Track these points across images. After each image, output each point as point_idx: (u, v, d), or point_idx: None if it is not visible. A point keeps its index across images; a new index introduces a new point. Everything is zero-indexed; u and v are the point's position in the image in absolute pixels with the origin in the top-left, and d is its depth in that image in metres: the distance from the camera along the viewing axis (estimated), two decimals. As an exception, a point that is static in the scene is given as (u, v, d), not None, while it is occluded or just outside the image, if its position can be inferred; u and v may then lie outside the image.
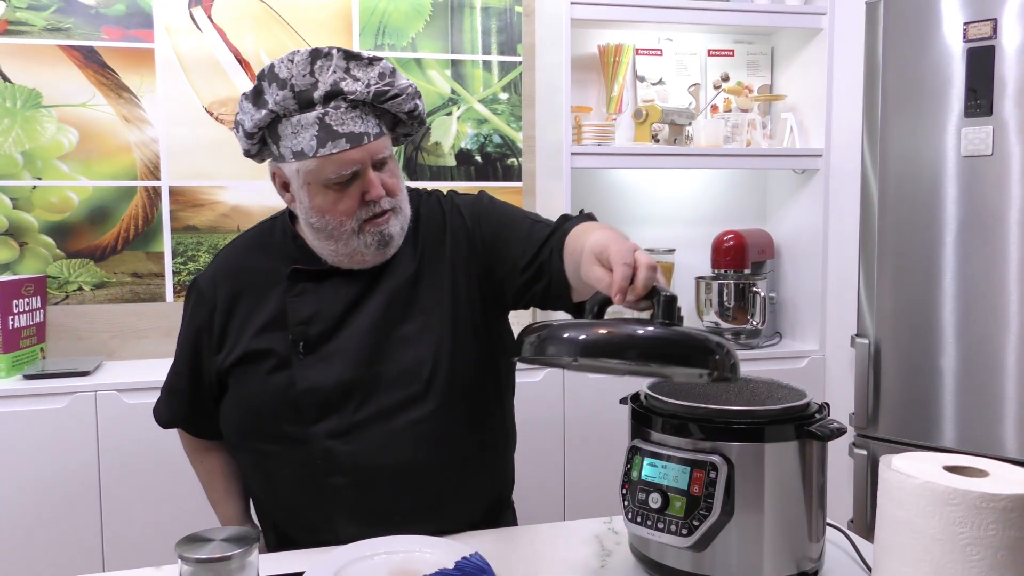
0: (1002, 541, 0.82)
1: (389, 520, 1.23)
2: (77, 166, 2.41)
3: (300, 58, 1.19)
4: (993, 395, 1.96)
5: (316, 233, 1.25)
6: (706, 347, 0.90)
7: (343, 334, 1.26)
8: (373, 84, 1.21)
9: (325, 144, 1.18)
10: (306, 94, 1.19)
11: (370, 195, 1.21)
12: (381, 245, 1.25)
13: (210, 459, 1.45)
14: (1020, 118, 1.91)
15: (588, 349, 0.89)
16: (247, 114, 1.23)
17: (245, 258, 1.34)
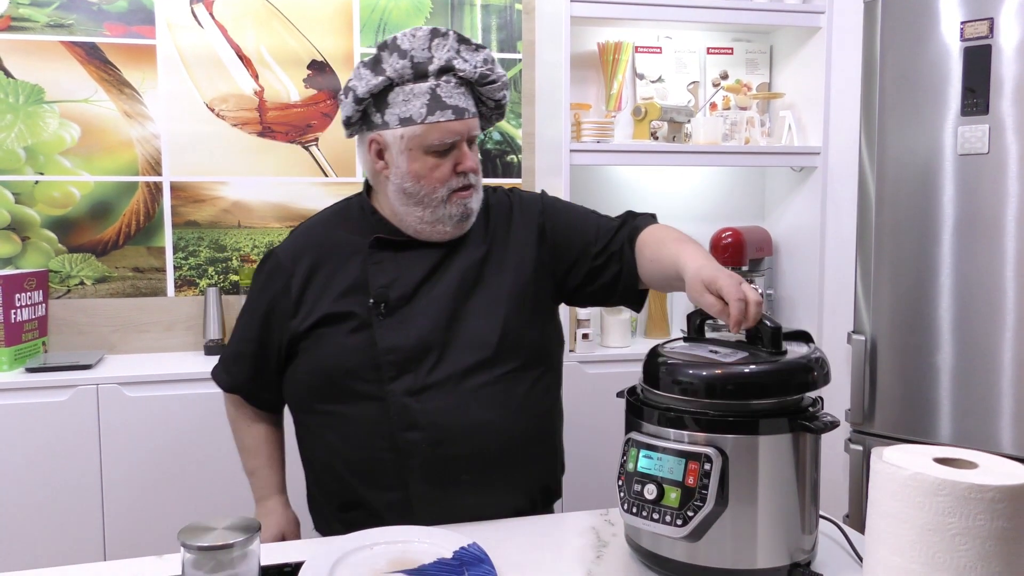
0: (990, 531, 0.84)
1: (458, 480, 1.30)
2: (79, 161, 2.42)
3: (421, 34, 1.31)
4: (989, 392, 1.97)
5: (407, 199, 1.34)
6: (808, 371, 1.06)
7: (419, 301, 1.34)
8: (479, 67, 1.33)
9: (434, 112, 1.29)
10: (422, 66, 1.30)
11: (463, 166, 1.32)
12: (462, 218, 1.35)
13: (258, 426, 1.50)
14: (1016, 117, 1.92)
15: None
16: (363, 80, 1.31)
17: (325, 231, 1.42)
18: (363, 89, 1.31)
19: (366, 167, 1.40)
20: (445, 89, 1.30)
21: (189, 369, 2.22)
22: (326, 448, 1.37)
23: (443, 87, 1.30)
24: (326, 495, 1.41)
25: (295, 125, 2.56)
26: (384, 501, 1.31)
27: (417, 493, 1.30)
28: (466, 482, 1.30)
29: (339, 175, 2.60)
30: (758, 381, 1.05)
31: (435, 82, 1.30)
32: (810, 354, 1.09)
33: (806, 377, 1.06)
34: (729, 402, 1.04)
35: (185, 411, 2.17)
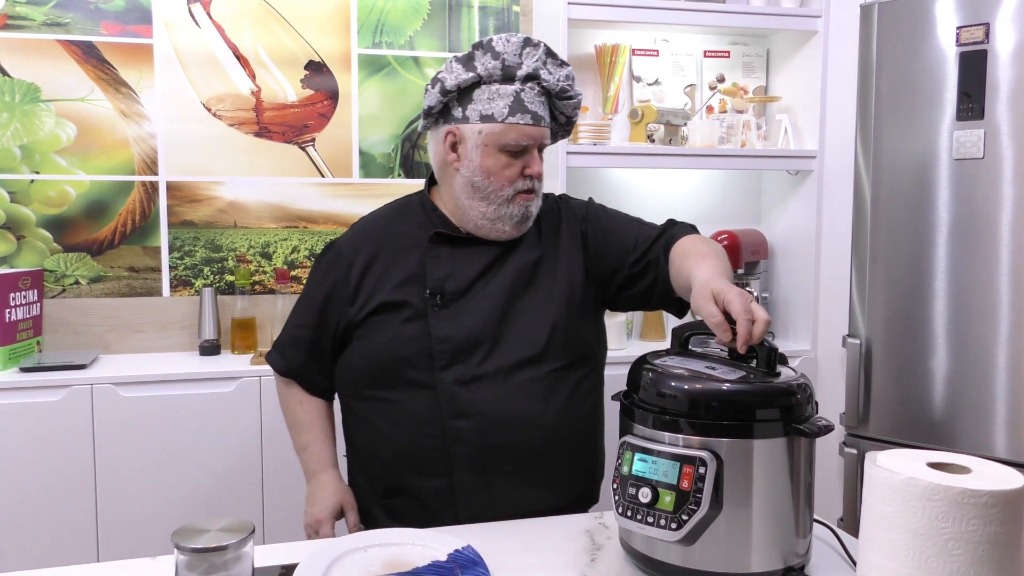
0: (983, 536, 0.84)
1: (501, 470, 1.34)
2: (75, 160, 2.41)
3: (515, 40, 1.37)
4: (983, 396, 1.98)
5: (473, 192, 1.39)
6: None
7: (474, 295, 1.39)
8: (561, 81, 1.40)
9: (515, 114, 1.36)
10: (511, 70, 1.37)
11: (530, 170, 1.39)
12: (522, 220, 1.41)
13: (311, 402, 1.53)
14: (1012, 121, 1.93)
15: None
16: (453, 73, 1.37)
17: (385, 224, 1.48)
18: (452, 82, 1.37)
19: (436, 159, 1.45)
20: (528, 95, 1.37)
21: (184, 369, 2.22)
22: (374, 434, 1.40)
23: (527, 93, 1.37)
24: (369, 482, 1.44)
25: (292, 125, 2.56)
26: (428, 488, 1.35)
27: (461, 481, 1.34)
28: (509, 473, 1.34)
29: (335, 176, 2.60)
30: (755, 401, 1.05)
31: (520, 87, 1.37)
32: (796, 379, 1.09)
33: (790, 400, 1.06)
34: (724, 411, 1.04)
35: (180, 412, 2.17)
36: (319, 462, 1.49)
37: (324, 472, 1.48)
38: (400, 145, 2.64)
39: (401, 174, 2.65)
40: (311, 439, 1.51)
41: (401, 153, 2.65)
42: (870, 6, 2.15)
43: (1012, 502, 0.84)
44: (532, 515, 1.31)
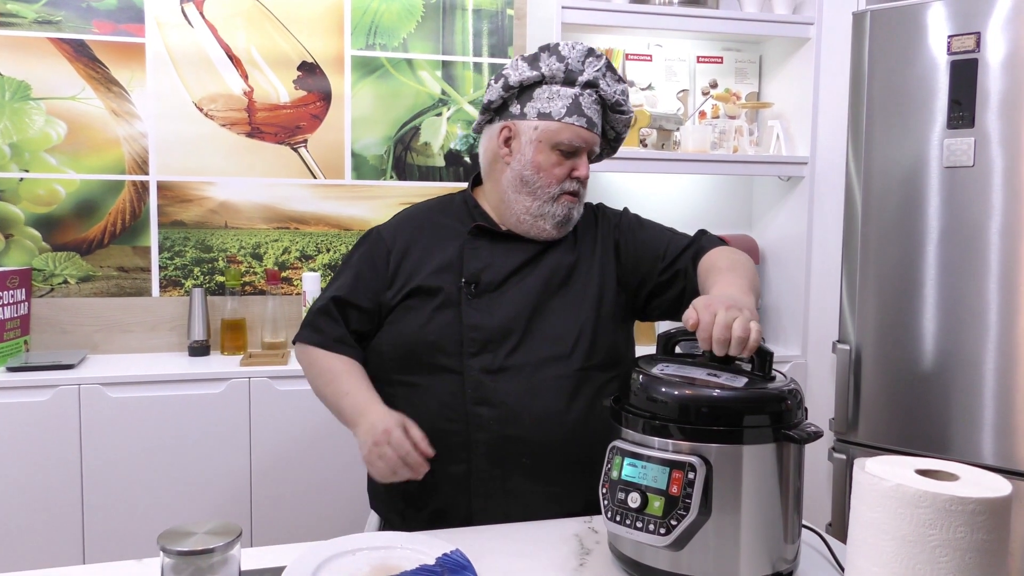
0: (970, 543, 0.84)
1: (518, 462, 1.35)
2: (65, 159, 2.40)
3: (580, 48, 1.44)
4: (972, 403, 1.99)
5: (521, 186, 1.44)
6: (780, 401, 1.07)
7: (508, 290, 1.42)
8: (617, 95, 1.46)
9: (572, 115, 1.41)
10: (573, 74, 1.42)
11: (578, 172, 1.44)
12: (564, 220, 1.45)
13: (349, 358, 1.45)
14: (1002, 130, 1.94)
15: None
16: (518, 71, 1.43)
17: (427, 215, 1.52)
18: (516, 78, 1.42)
19: (486, 154, 1.50)
20: (586, 100, 1.42)
21: (173, 370, 2.21)
22: None
23: (584, 98, 1.42)
24: None
25: (284, 126, 2.55)
26: (446, 474, 1.36)
27: (479, 469, 1.35)
28: (526, 467, 1.35)
29: (328, 177, 2.59)
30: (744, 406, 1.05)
31: (579, 91, 1.42)
32: (786, 384, 1.09)
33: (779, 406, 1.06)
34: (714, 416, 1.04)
35: (168, 413, 2.16)
36: (366, 402, 1.36)
37: (372, 408, 1.34)
38: (392, 147, 2.64)
39: (393, 176, 2.64)
40: (352, 385, 1.39)
41: (393, 155, 2.64)
42: (862, 14, 2.16)
43: (999, 509, 0.85)
44: (543, 517, 1.31)
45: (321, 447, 2.26)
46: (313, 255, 2.60)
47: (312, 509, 2.26)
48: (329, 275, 2.61)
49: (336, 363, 1.45)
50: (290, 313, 2.55)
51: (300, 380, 2.24)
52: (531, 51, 1.47)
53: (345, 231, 2.61)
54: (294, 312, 2.55)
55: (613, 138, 1.54)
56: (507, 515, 1.33)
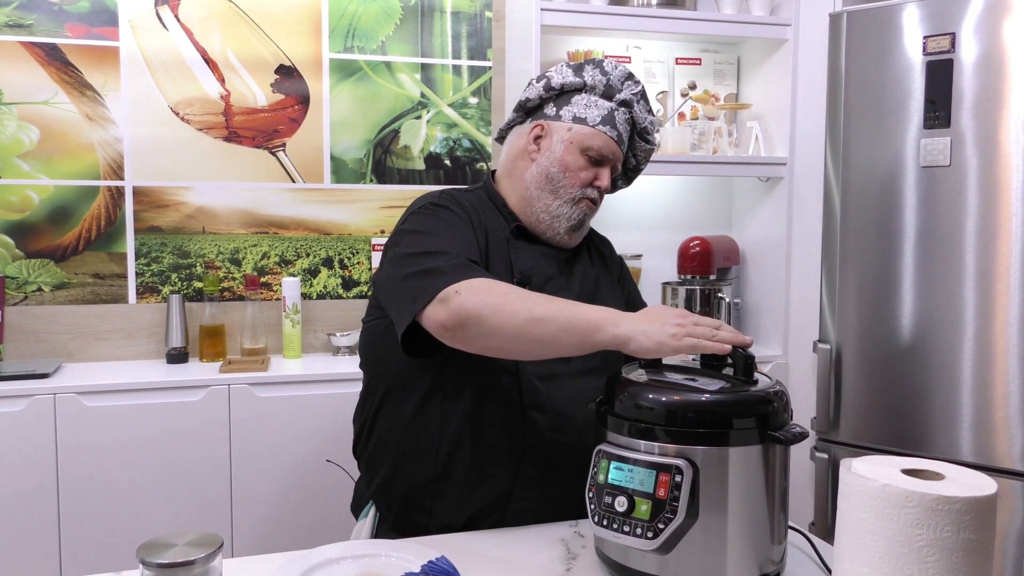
0: (957, 543, 0.84)
1: (562, 470, 1.33)
2: (38, 165, 2.36)
3: (622, 69, 1.49)
4: (950, 400, 2.01)
5: (546, 183, 1.45)
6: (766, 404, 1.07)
7: (554, 293, 1.37)
8: (647, 121, 1.50)
9: (607, 125, 1.45)
10: (612, 90, 1.47)
11: (600, 182, 1.46)
12: (577, 226, 1.46)
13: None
14: (977, 130, 1.96)
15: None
16: (562, 75, 1.47)
17: (473, 203, 1.46)
18: (558, 80, 1.46)
19: (512, 151, 1.51)
20: (619, 116, 1.46)
21: (150, 378, 2.18)
22: (442, 421, 1.35)
23: (619, 114, 1.46)
24: (415, 474, 1.37)
25: (262, 130, 2.53)
26: (487, 480, 1.34)
27: (525, 475, 1.33)
28: (568, 475, 1.33)
29: (306, 181, 2.57)
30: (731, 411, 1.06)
31: (615, 106, 1.47)
32: (772, 386, 1.10)
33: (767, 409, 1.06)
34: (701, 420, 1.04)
35: (146, 421, 2.12)
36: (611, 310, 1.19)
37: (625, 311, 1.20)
38: (372, 151, 2.62)
39: (373, 180, 2.63)
40: (568, 301, 1.22)
41: (373, 159, 2.62)
42: (839, 15, 2.18)
43: (985, 508, 0.85)
44: None
45: (303, 454, 2.23)
46: (292, 260, 2.58)
47: (294, 518, 2.23)
48: (309, 279, 2.58)
49: (523, 291, 1.24)
50: (269, 319, 2.52)
51: (281, 386, 2.22)
52: (576, 61, 1.51)
53: (325, 235, 2.59)
54: (273, 318, 2.53)
55: (632, 167, 1.56)
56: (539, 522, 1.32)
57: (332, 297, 2.61)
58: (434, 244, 1.29)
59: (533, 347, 1.19)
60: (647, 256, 2.77)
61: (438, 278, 1.22)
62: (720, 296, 2.61)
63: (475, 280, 1.21)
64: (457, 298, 1.18)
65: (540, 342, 1.17)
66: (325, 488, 2.23)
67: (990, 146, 1.94)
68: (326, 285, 2.61)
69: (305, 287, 2.58)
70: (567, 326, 1.15)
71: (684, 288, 2.64)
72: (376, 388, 1.44)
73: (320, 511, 2.24)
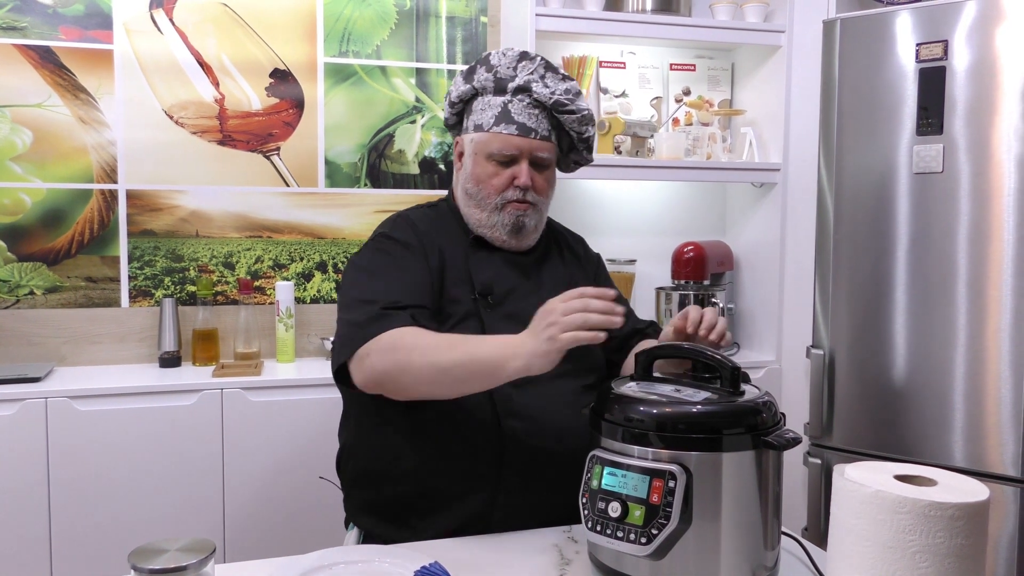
0: (949, 549, 0.84)
1: (543, 475, 1.32)
2: (31, 168, 2.35)
3: (511, 53, 1.43)
4: (942, 406, 2.01)
5: (468, 199, 1.45)
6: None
7: (518, 301, 1.40)
8: (557, 94, 1.42)
9: (499, 124, 1.41)
10: (503, 82, 1.42)
11: (518, 181, 1.41)
12: (515, 229, 1.43)
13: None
14: (969, 136, 1.97)
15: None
16: (456, 86, 1.47)
17: (430, 223, 1.47)
18: (455, 94, 1.47)
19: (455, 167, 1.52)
20: (517, 107, 1.41)
21: (143, 382, 2.17)
22: (420, 439, 1.34)
23: (515, 104, 1.41)
24: (394, 491, 1.37)
25: (256, 134, 2.52)
26: (468, 494, 1.32)
27: (508, 483, 1.32)
28: (550, 478, 1.33)
29: (301, 185, 2.57)
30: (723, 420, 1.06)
31: (509, 98, 1.41)
32: (760, 397, 1.10)
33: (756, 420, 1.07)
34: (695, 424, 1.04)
35: (139, 426, 2.12)
36: (511, 336, 1.20)
37: (512, 332, 1.20)
38: (367, 155, 2.62)
39: (367, 184, 2.63)
40: (480, 337, 1.25)
41: (367, 163, 2.62)
42: (832, 22, 2.19)
43: (977, 514, 0.85)
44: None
45: (296, 459, 2.23)
46: (286, 264, 2.57)
47: (287, 523, 2.22)
48: (303, 283, 2.58)
49: (430, 334, 1.24)
50: (263, 323, 2.52)
51: (274, 390, 2.22)
52: None
53: (319, 239, 2.59)
54: (267, 322, 2.52)
55: (577, 139, 1.49)
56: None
57: (326, 301, 2.61)
58: (369, 289, 1.32)
59: (453, 392, 1.24)
60: (641, 261, 2.77)
61: (357, 333, 1.26)
62: (714, 301, 2.62)
63: (384, 337, 1.23)
64: (368, 360, 1.24)
65: (456, 387, 1.23)
66: (318, 493, 2.22)
67: (982, 153, 1.95)
68: (320, 289, 2.61)
69: (299, 291, 2.58)
70: (472, 371, 1.19)
71: (678, 293, 2.64)
72: (351, 408, 1.45)
73: (313, 516, 2.23)
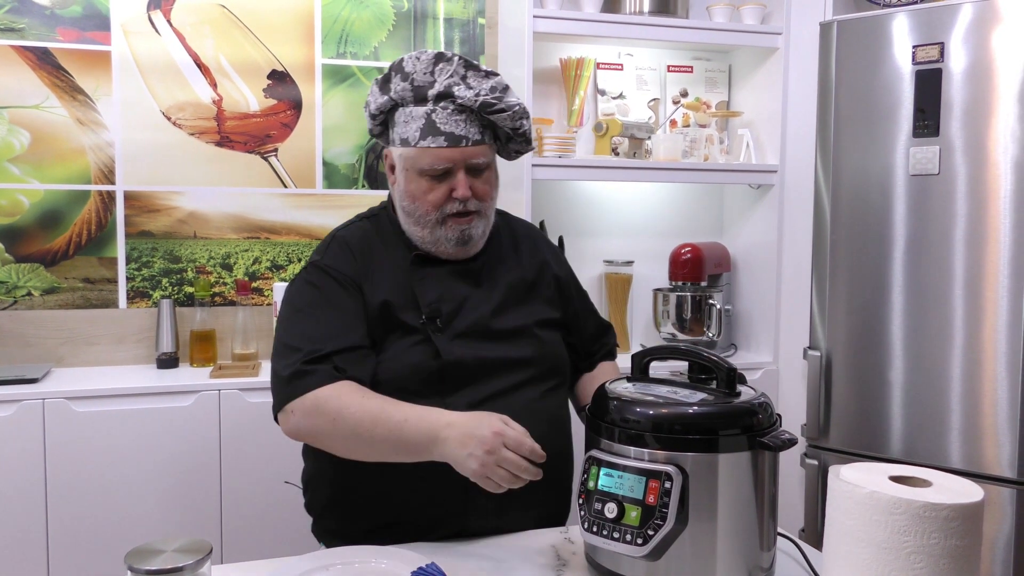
0: (944, 550, 0.85)
1: (514, 494, 1.19)
2: (28, 169, 2.35)
3: (426, 57, 1.33)
4: (939, 407, 2.02)
5: (407, 217, 1.37)
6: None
7: (468, 316, 1.35)
8: (483, 95, 1.32)
9: (426, 137, 1.31)
10: (422, 90, 1.32)
11: (456, 193, 1.32)
12: (461, 242, 1.36)
13: (371, 392, 1.27)
14: (965, 138, 1.97)
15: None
16: (373, 97, 1.37)
17: (369, 241, 1.40)
18: (373, 106, 1.38)
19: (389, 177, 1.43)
20: (441, 115, 1.31)
21: (141, 383, 2.17)
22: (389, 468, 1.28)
23: (439, 113, 1.31)
24: (360, 516, 1.36)
25: (254, 135, 2.52)
26: (439, 522, 1.29)
27: (476, 504, 1.28)
28: (516, 492, 1.21)
29: (299, 186, 2.57)
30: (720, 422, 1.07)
31: (432, 107, 1.32)
32: (756, 398, 1.11)
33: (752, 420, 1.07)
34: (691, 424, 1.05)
35: (136, 427, 2.12)
36: (434, 415, 1.18)
37: (448, 416, 1.18)
38: (364, 156, 2.62)
39: (365, 185, 2.63)
40: (400, 409, 1.20)
41: (365, 164, 2.63)
42: (829, 24, 2.19)
43: (972, 515, 0.86)
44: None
45: (293, 460, 2.22)
46: (284, 265, 2.57)
47: (284, 524, 2.22)
48: (300, 285, 2.57)
49: (355, 398, 1.22)
50: (261, 324, 2.52)
51: (271, 392, 2.22)
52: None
53: (316, 241, 2.59)
54: (265, 323, 2.52)
55: (512, 135, 1.38)
56: None
57: (324, 302, 2.60)
58: (296, 332, 1.30)
59: (375, 459, 1.25)
60: (638, 262, 2.78)
61: (282, 389, 1.26)
62: (711, 303, 2.62)
63: (308, 399, 1.23)
64: (293, 418, 1.25)
65: (377, 457, 1.24)
66: (315, 494, 2.22)
67: (979, 154, 1.95)
68: (318, 290, 2.61)
69: (296, 292, 2.58)
70: (397, 448, 1.20)
71: (675, 295, 2.65)
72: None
73: (310, 517, 2.23)
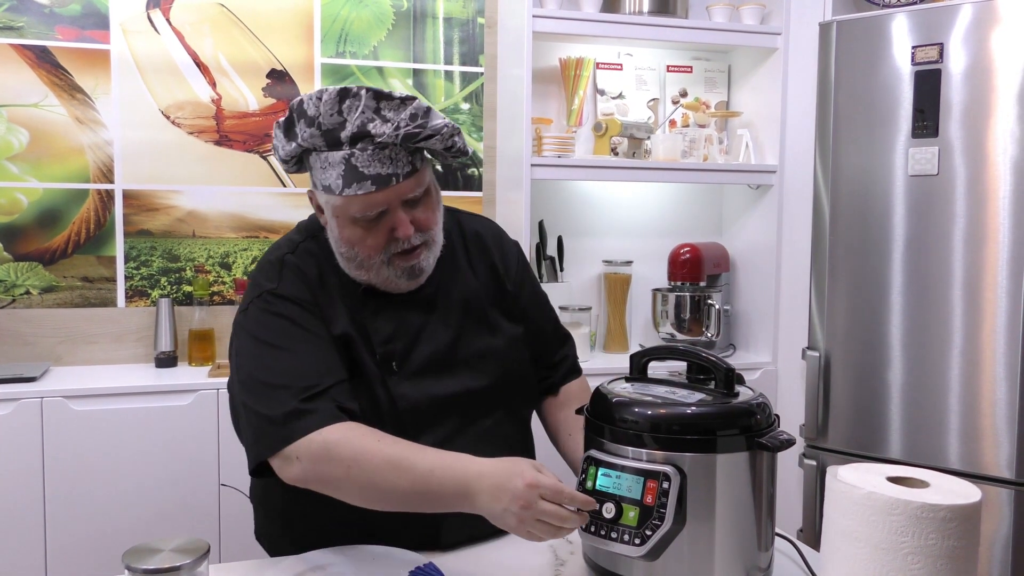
0: (941, 550, 0.85)
1: (486, 526, 1.12)
2: (27, 167, 2.35)
3: (328, 97, 1.15)
4: (937, 408, 2.02)
5: (347, 262, 1.24)
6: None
7: (424, 349, 1.27)
8: (403, 126, 1.17)
9: (350, 184, 1.17)
10: (333, 133, 1.16)
11: (397, 233, 1.20)
12: (412, 276, 1.25)
13: (385, 433, 1.16)
14: (964, 139, 1.97)
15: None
16: (280, 142, 1.23)
17: (316, 264, 1.27)
18: (282, 152, 1.23)
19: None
20: (361, 158, 1.16)
21: (139, 382, 2.17)
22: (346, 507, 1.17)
23: (358, 156, 1.16)
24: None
25: (253, 134, 2.52)
26: (412, 539, 1.22)
27: (450, 539, 1.23)
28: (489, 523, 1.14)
29: (297, 186, 2.57)
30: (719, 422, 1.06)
31: (349, 151, 1.16)
32: (755, 398, 1.11)
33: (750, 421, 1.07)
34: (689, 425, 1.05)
35: (134, 425, 2.11)
36: (462, 464, 1.10)
37: (477, 465, 1.09)
38: (363, 155, 2.62)
39: (364, 184, 2.63)
40: (424, 456, 1.11)
41: (364, 163, 2.62)
42: (828, 24, 2.19)
43: (969, 516, 0.86)
44: None
45: (291, 459, 2.22)
46: (283, 264, 2.57)
47: (282, 522, 2.22)
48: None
49: (369, 442, 1.12)
50: (259, 323, 2.51)
51: (270, 391, 2.22)
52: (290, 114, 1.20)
53: (315, 240, 2.59)
54: (263, 322, 2.52)
55: (446, 152, 1.25)
56: None
57: (322, 302, 2.61)
58: (276, 369, 1.17)
59: (391, 510, 1.14)
60: (637, 263, 2.78)
61: (277, 432, 1.13)
62: (710, 303, 2.62)
63: (315, 441, 1.11)
64: (299, 464, 1.11)
65: (396, 508, 1.13)
66: (314, 493, 2.22)
67: (978, 155, 1.95)
68: (316, 290, 2.61)
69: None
70: (424, 500, 1.10)
71: (674, 295, 2.65)
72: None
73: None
